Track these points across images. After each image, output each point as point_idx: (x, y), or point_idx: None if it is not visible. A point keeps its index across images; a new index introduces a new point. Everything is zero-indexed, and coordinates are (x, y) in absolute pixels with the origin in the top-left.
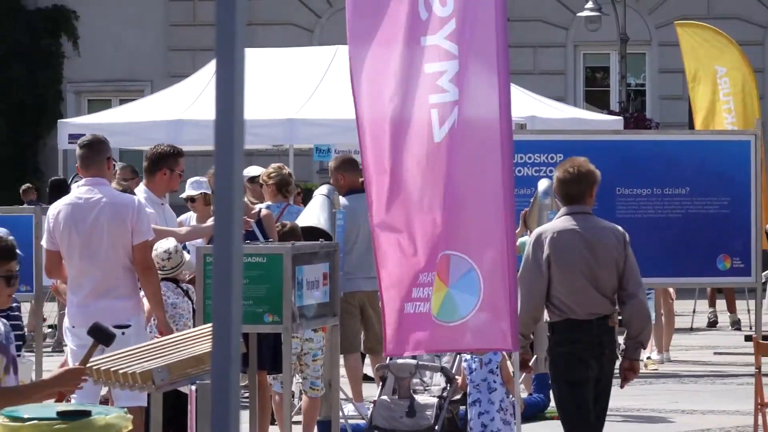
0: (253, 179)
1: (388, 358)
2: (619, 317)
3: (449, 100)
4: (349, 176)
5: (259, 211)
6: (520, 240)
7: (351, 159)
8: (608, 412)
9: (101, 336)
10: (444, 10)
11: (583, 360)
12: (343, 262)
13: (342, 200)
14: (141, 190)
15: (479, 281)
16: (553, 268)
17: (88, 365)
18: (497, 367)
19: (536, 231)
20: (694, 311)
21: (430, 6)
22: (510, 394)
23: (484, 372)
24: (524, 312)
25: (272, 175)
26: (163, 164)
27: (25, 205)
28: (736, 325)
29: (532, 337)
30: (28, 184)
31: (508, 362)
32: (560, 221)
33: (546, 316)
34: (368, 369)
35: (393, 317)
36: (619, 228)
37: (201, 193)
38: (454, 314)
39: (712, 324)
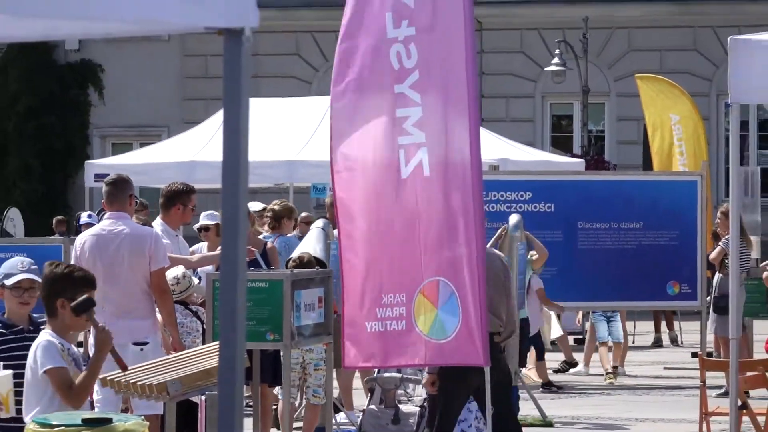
0: (261, 213)
1: (376, 371)
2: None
3: (414, 142)
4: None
5: (266, 243)
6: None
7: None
8: (571, 420)
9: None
10: (409, 62)
11: (467, 369)
12: (337, 286)
13: (336, 232)
14: (158, 223)
15: (459, 304)
16: None
17: (110, 377)
18: None
19: None
20: (634, 332)
21: (401, 58)
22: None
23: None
24: None
25: (268, 209)
26: (177, 200)
27: (55, 236)
28: (675, 342)
29: None
30: (60, 216)
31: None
32: None
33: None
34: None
35: (352, 332)
36: (503, 254)
37: (215, 224)
38: (442, 333)
39: (657, 343)
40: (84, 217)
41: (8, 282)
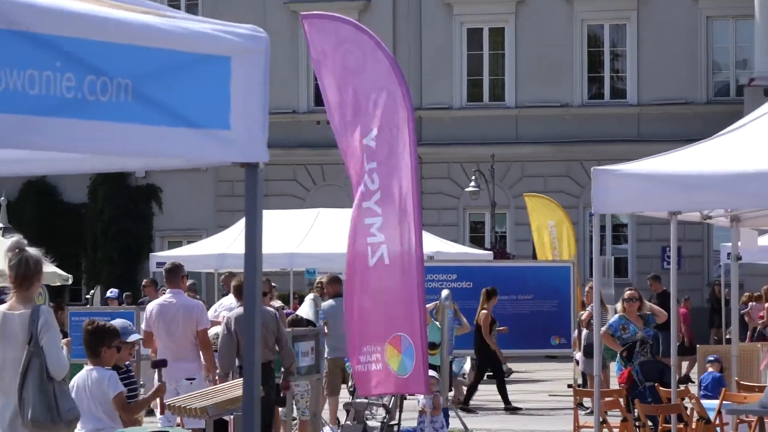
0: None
1: (352, 397)
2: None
3: (377, 242)
4: (333, 287)
5: (276, 308)
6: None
7: (336, 277)
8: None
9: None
10: (373, 186)
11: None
12: (325, 340)
13: (328, 302)
14: (231, 300)
15: (413, 351)
16: None
17: (169, 402)
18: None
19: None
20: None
21: (368, 183)
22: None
23: (428, 404)
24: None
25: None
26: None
27: (128, 306)
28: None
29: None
30: (146, 280)
31: (441, 399)
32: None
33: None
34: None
35: (355, 371)
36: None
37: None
38: (405, 371)
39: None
40: (108, 293)
41: (129, 339)
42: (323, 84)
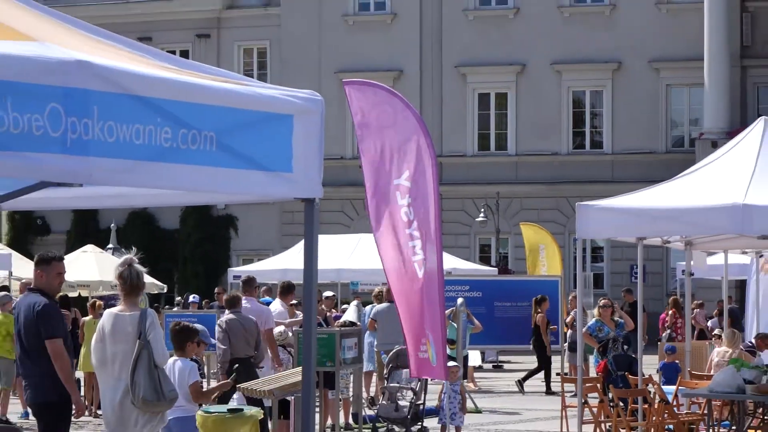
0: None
1: (386, 382)
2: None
3: (419, 259)
4: (390, 295)
5: (326, 313)
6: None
7: (388, 289)
8: (492, 409)
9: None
10: (411, 217)
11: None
12: (375, 335)
13: (383, 305)
14: (277, 302)
15: (435, 347)
16: None
17: (243, 386)
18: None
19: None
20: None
21: (408, 213)
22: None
23: (450, 388)
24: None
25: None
26: (288, 292)
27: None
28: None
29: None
30: (217, 288)
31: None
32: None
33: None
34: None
35: (412, 360)
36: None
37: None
38: (434, 362)
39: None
40: (191, 298)
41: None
42: (360, 136)
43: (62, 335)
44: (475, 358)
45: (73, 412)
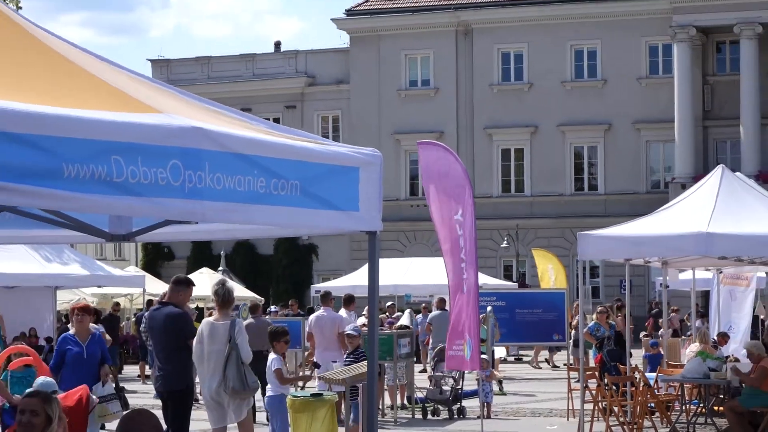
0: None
1: (432, 371)
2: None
3: (465, 277)
4: (440, 304)
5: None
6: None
7: (443, 298)
8: (513, 392)
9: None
10: (462, 244)
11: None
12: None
13: (436, 312)
14: (342, 311)
15: (471, 343)
16: None
17: (321, 375)
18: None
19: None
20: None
21: (462, 241)
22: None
23: (485, 374)
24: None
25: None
26: (350, 303)
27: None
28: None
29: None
30: (291, 301)
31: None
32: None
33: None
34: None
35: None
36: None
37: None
38: (468, 356)
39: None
40: (271, 308)
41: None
42: (426, 180)
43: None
44: (500, 351)
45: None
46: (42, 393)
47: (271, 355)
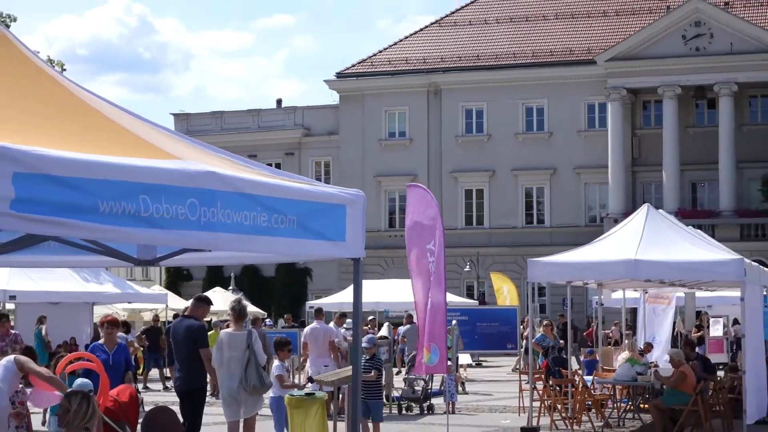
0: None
1: (406, 374)
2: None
3: (431, 295)
4: (409, 319)
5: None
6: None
7: (411, 314)
8: (474, 391)
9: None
10: (432, 269)
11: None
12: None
13: (407, 326)
14: (332, 324)
15: (438, 351)
16: None
17: (314, 377)
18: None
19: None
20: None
21: (432, 267)
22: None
23: (448, 378)
24: None
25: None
26: (342, 317)
27: (293, 327)
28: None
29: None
30: (287, 315)
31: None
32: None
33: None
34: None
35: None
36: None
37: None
38: (432, 362)
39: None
40: (266, 321)
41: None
42: (410, 215)
43: (208, 345)
44: (466, 358)
45: (209, 391)
46: (70, 391)
47: (276, 362)
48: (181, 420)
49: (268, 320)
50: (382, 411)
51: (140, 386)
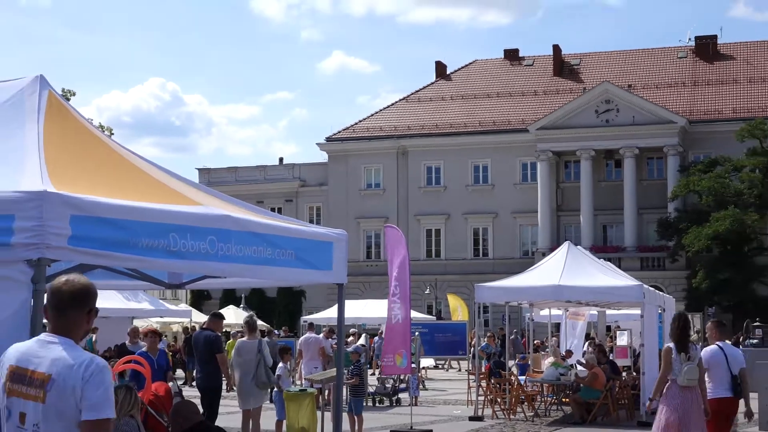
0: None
1: (379, 374)
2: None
3: (396, 313)
4: (381, 332)
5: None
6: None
7: (383, 330)
8: (431, 390)
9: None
10: (396, 291)
11: None
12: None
13: (377, 338)
14: (321, 335)
15: (406, 356)
16: None
17: (307, 376)
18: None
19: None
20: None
21: (395, 289)
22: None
23: (413, 378)
24: None
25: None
26: (331, 332)
27: (290, 336)
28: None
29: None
30: (284, 328)
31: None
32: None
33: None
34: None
35: (385, 365)
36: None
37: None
38: (403, 365)
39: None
40: (276, 332)
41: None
42: (390, 250)
43: (223, 351)
44: (428, 362)
45: (225, 387)
46: (116, 385)
47: (280, 365)
48: (201, 410)
49: (276, 331)
50: (362, 406)
51: (180, 383)
